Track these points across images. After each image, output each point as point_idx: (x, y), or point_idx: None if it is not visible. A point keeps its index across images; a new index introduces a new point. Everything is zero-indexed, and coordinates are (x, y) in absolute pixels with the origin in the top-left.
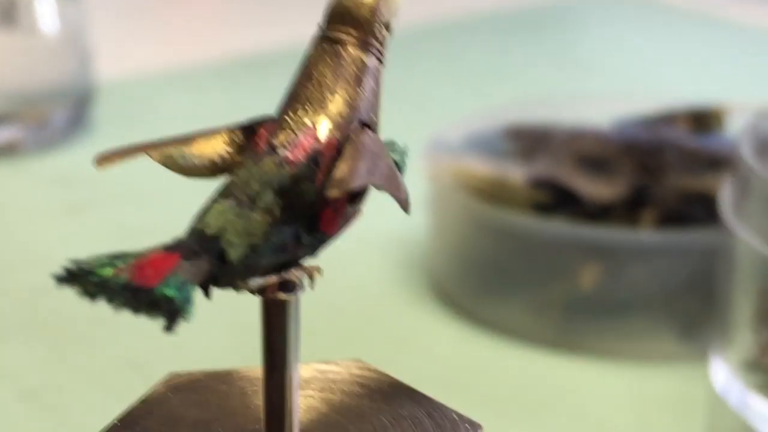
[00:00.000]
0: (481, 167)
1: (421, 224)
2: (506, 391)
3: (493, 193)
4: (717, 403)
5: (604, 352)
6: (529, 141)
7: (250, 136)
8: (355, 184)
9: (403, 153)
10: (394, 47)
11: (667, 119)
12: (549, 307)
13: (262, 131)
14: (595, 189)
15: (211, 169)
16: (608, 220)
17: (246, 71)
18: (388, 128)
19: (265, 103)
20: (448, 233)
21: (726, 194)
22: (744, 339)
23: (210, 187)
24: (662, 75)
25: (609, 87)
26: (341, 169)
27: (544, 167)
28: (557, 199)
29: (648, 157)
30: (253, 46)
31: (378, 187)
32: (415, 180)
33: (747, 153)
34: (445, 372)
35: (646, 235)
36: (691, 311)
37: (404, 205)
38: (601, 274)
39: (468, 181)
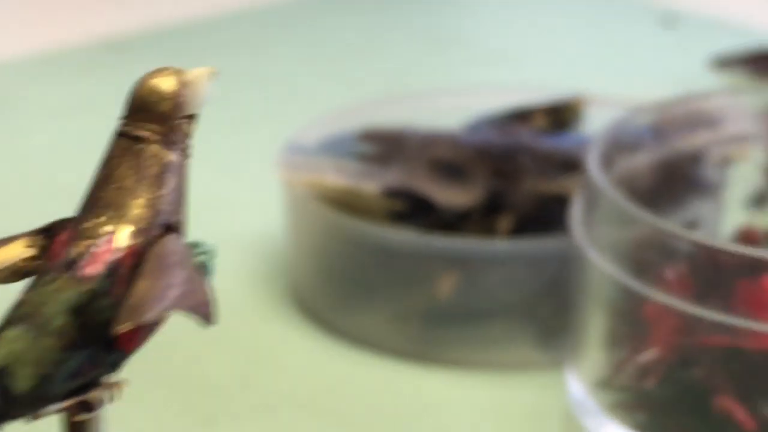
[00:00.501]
0: (334, 178)
1: (280, 232)
2: (364, 407)
3: (348, 202)
4: (572, 421)
5: (463, 362)
6: (384, 145)
7: (50, 239)
8: (146, 316)
9: (210, 254)
10: (252, 30)
11: (524, 115)
12: (407, 318)
13: (61, 236)
14: (450, 196)
15: (15, 273)
16: (465, 228)
17: (107, 56)
18: (249, 123)
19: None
20: (306, 242)
21: (576, 211)
22: (597, 357)
23: None
24: (541, 57)
25: (483, 70)
26: (134, 296)
27: (399, 175)
28: (412, 208)
29: (502, 162)
30: (114, 29)
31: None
32: (272, 187)
33: (594, 171)
34: (302, 388)
35: (501, 243)
36: (549, 317)
37: (206, 319)
38: (457, 283)
39: (323, 191)
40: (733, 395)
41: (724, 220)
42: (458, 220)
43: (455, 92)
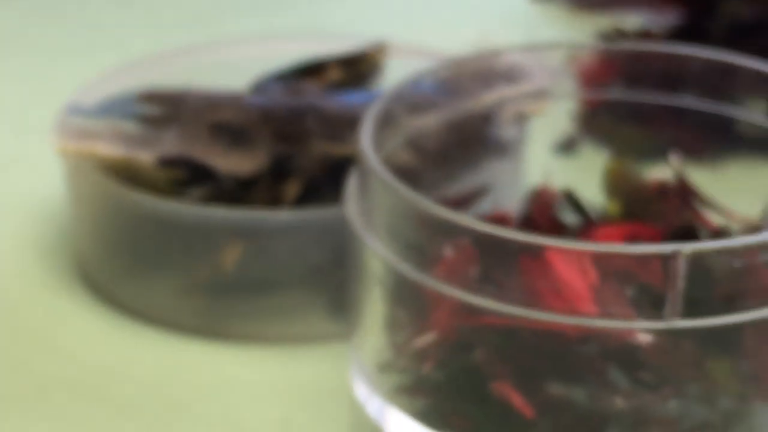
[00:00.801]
0: (107, 148)
1: (63, 199)
2: (146, 387)
3: (125, 172)
4: (356, 405)
5: (252, 336)
6: (165, 107)
7: None
8: None
9: None
10: None
11: (317, 69)
12: (192, 291)
13: None
14: (232, 163)
15: None
16: (250, 196)
17: None
18: (38, 72)
19: None
20: (87, 212)
21: (351, 184)
22: (378, 340)
23: None
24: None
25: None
26: None
27: (177, 141)
28: (192, 177)
29: (288, 124)
30: None
31: None
32: (49, 153)
33: (365, 143)
34: (81, 369)
35: (287, 212)
36: (341, 287)
37: None
38: (243, 254)
39: (99, 161)
40: (513, 379)
41: (523, 178)
42: (242, 188)
43: (249, 42)
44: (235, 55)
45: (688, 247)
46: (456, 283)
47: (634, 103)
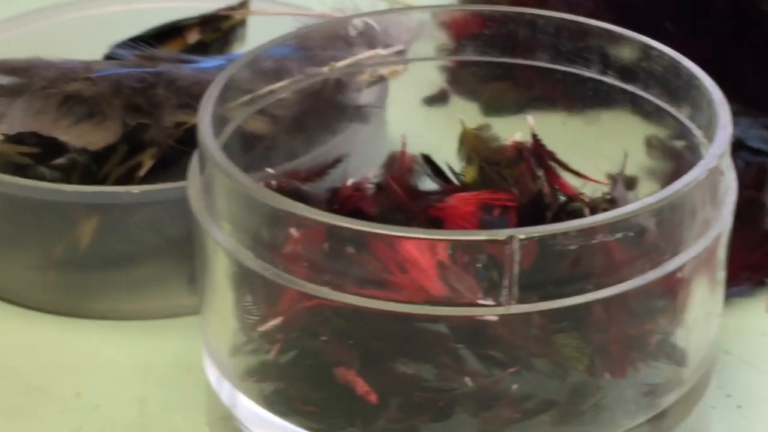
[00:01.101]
0: None
1: None
2: (0, 371)
3: None
4: (211, 388)
5: (111, 313)
6: (15, 77)
7: None
8: None
9: None
10: None
11: (175, 30)
12: (47, 269)
13: None
14: (83, 136)
15: None
16: (103, 169)
17: None
18: None
19: None
20: None
21: (192, 168)
22: (227, 325)
23: None
24: None
25: None
26: None
27: (25, 115)
28: (43, 152)
29: (139, 95)
30: None
31: None
32: None
33: (204, 128)
34: None
35: (140, 186)
36: None
37: None
38: (97, 229)
39: None
40: (358, 361)
41: (387, 142)
42: (96, 161)
43: (109, 1)
44: (95, 14)
45: (521, 232)
46: (301, 262)
47: (498, 62)
